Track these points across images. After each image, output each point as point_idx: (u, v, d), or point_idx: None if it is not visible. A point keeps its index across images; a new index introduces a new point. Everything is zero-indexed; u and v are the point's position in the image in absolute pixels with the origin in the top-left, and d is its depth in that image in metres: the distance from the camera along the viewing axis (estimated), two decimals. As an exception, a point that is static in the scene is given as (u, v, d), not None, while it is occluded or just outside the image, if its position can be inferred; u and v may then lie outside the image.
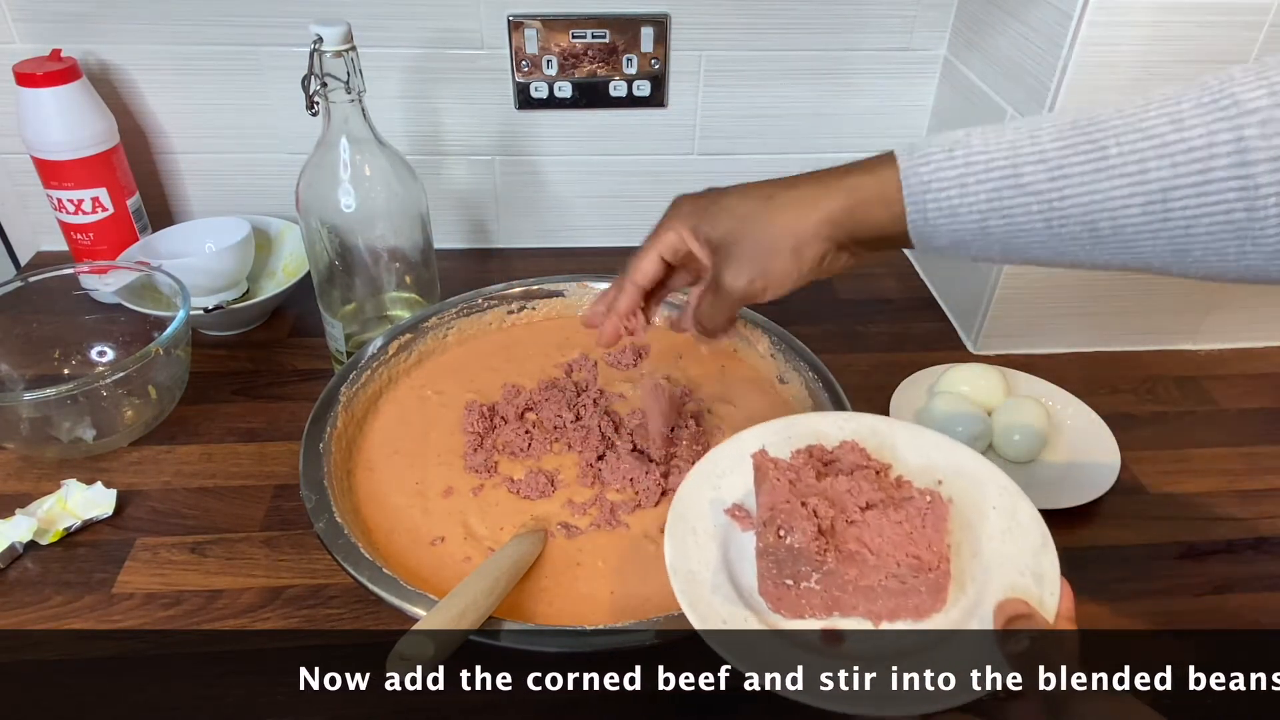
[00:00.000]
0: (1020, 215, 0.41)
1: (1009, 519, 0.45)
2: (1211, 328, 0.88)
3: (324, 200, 0.69)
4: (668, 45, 0.90)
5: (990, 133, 0.43)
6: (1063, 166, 0.40)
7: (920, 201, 0.43)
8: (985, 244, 0.44)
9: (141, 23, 0.86)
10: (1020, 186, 0.41)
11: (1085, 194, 0.40)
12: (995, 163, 0.42)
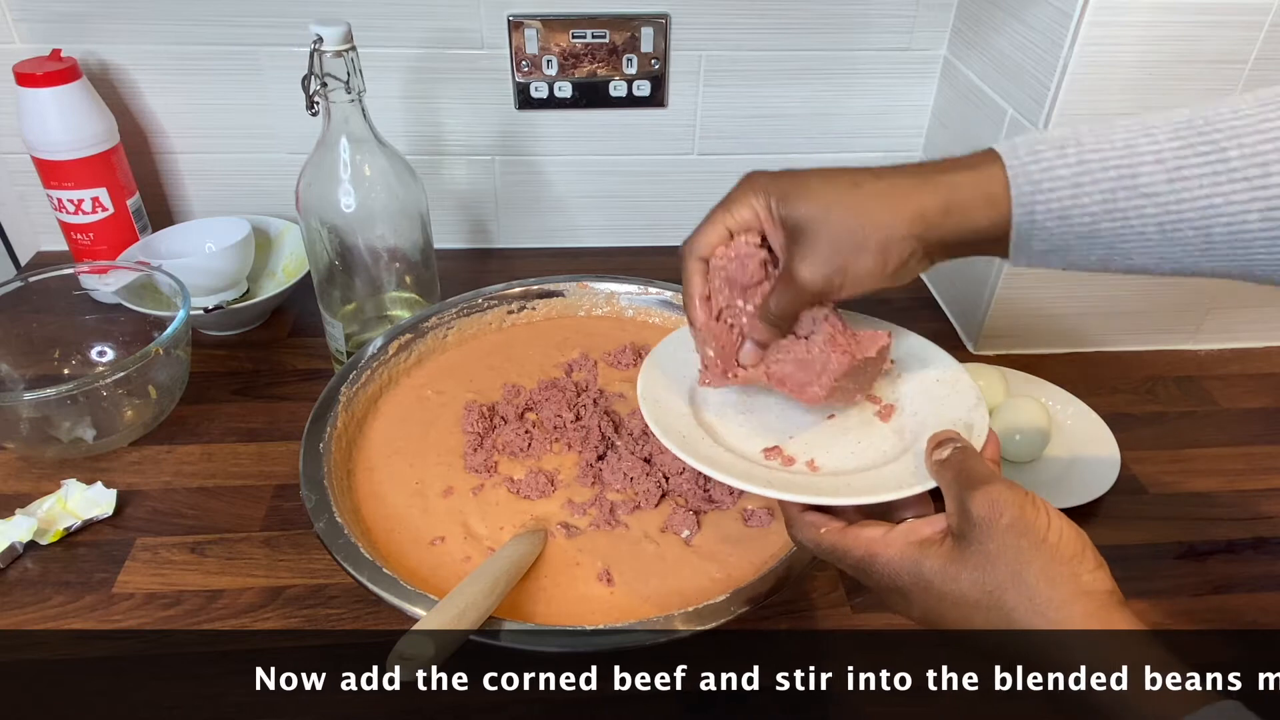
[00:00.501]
0: (1135, 218, 0.40)
1: (949, 388, 0.52)
2: (1211, 328, 0.88)
3: (324, 200, 0.69)
4: (668, 45, 0.90)
5: (1101, 130, 0.41)
6: (1181, 168, 0.38)
7: (1029, 202, 0.41)
8: (1088, 249, 0.41)
9: (141, 23, 0.86)
10: (1136, 188, 0.39)
11: (1204, 198, 0.38)
12: (1110, 162, 0.39)
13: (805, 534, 0.45)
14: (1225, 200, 0.38)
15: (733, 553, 0.56)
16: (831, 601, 0.61)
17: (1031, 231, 0.42)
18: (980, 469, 0.42)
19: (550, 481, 0.61)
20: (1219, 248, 0.39)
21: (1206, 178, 0.38)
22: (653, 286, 0.77)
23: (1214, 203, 0.38)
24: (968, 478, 0.41)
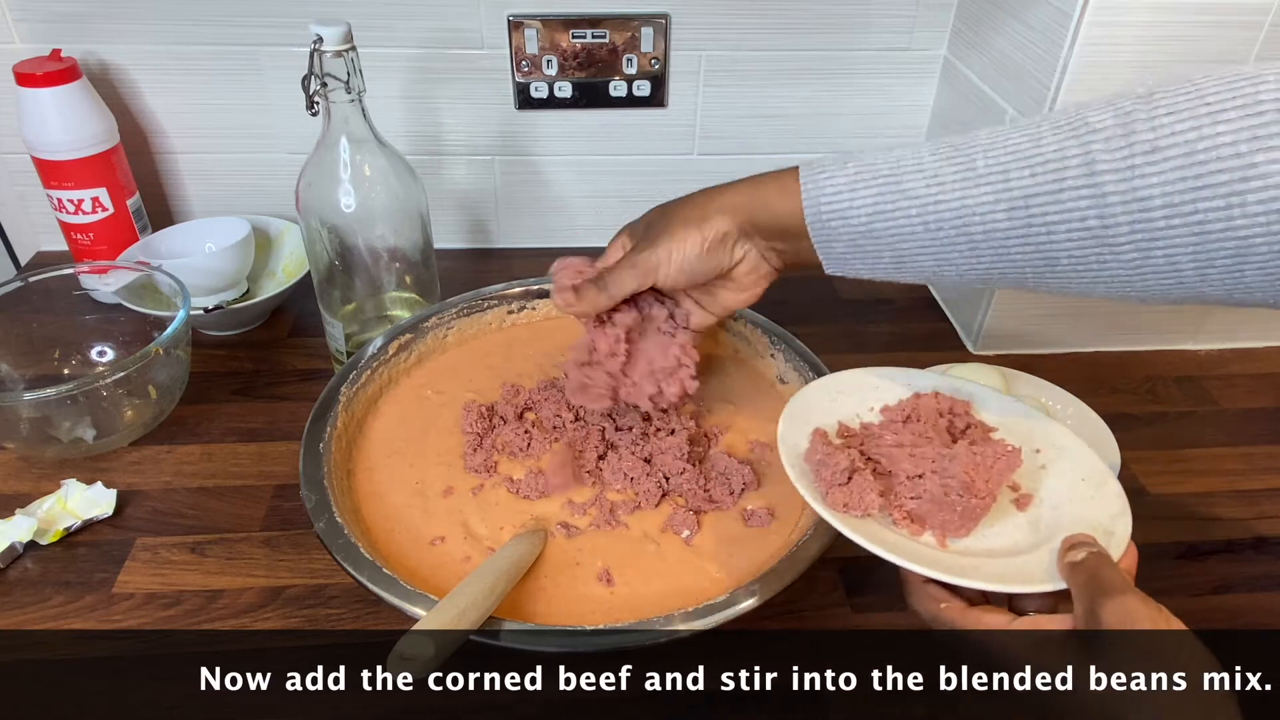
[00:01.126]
0: (901, 218, 0.46)
1: (1095, 489, 0.51)
2: (1211, 328, 0.88)
3: (324, 200, 0.69)
4: (668, 45, 0.90)
5: (881, 152, 0.48)
6: (937, 175, 0.45)
7: (815, 200, 0.48)
8: (875, 246, 0.48)
9: (141, 23, 0.86)
10: (901, 191, 0.46)
11: (957, 199, 0.44)
12: (880, 171, 0.47)
13: (924, 606, 0.46)
14: (976, 201, 0.44)
15: (733, 553, 0.56)
16: (831, 601, 0.61)
17: (819, 225, 0.49)
18: (1114, 579, 0.42)
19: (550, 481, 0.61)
20: (981, 247, 0.45)
21: (958, 182, 0.44)
22: (653, 286, 0.77)
23: (967, 203, 0.44)
24: (1100, 585, 0.41)
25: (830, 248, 0.49)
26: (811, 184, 0.49)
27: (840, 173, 0.48)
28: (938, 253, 0.46)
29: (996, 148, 0.43)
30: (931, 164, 0.45)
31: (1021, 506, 0.51)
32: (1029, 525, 0.50)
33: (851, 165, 0.48)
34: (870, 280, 0.51)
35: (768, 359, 0.72)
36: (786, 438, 0.53)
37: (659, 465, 0.61)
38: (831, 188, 0.48)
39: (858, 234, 0.48)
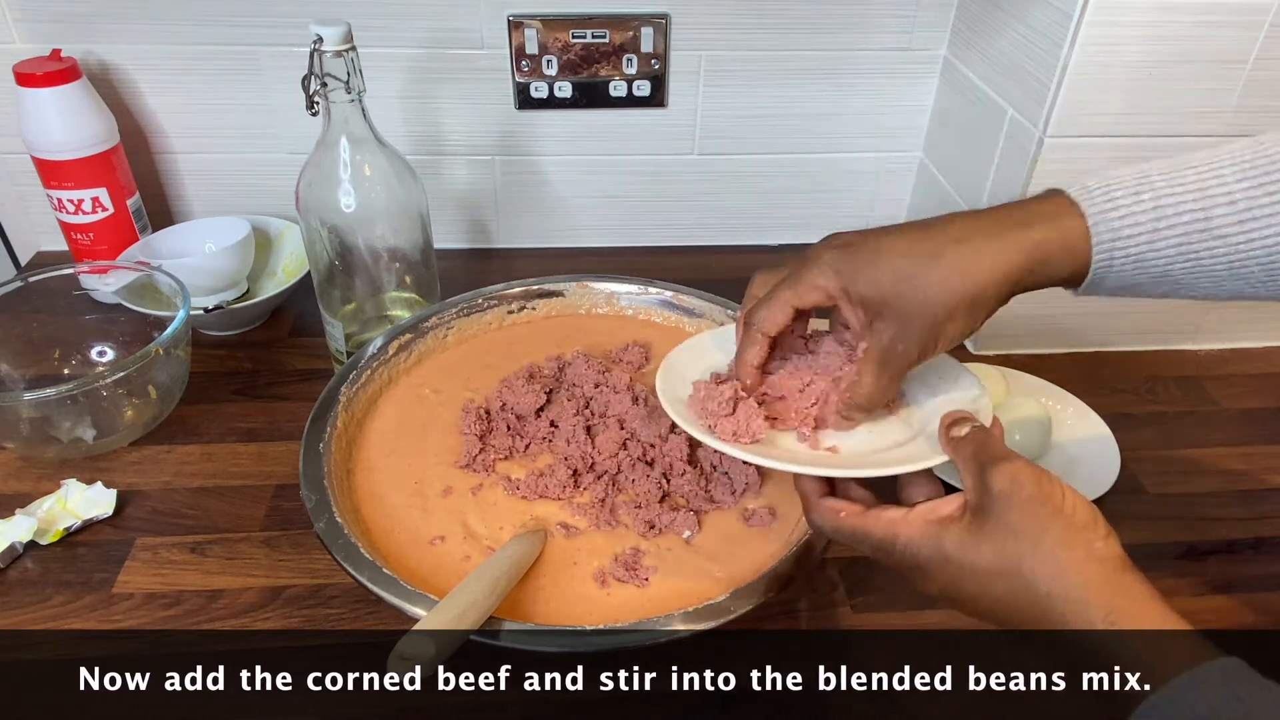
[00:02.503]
0: (1207, 259, 0.41)
1: (951, 382, 0.53)
2: (1211, 328, 0.88)
3: (324, 200, 0.69)
4: (668, 45, 0.90)
5: (1170, 170, 0.41)
6: (1251, 209, 0.39)
7: (1109, 250, 0.42)
8: (1157, 285, 0.43)
9: (141, 23, 0.86)
10: (1209, 231, 0.40)
11: (1272, 236, 0.39)
12: (1185, 206, 0.40)
13: (825, 518, 0.46)
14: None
15: (733, 553, 0.56)
16: (831, 601, 0.61)
17: (1107, 275, 0.43)
18: (998, 446, 0.43)
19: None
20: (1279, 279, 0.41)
21: (1275, 217, 0.39)
22: (653, 286, 0.77)
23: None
24: (987, 454, 0.42)
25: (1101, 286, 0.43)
26: (1105, 229, 0.41)
27: (1137, 207, 0.41)
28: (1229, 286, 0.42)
29: None
30: (1242, 192, 0.39)
31: (892, 410, 0.53)
32: (903, 423, 0.52)
33: (1147, 195, 0.41)
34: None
35: (768, 359, 0.72)
36: (666, 391, 0.53)
37: (659, 465, 0.61)
38: (1129, 230, 0.41)
39: (1148, 277, 0.42)
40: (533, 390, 0.66)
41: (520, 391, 0.66)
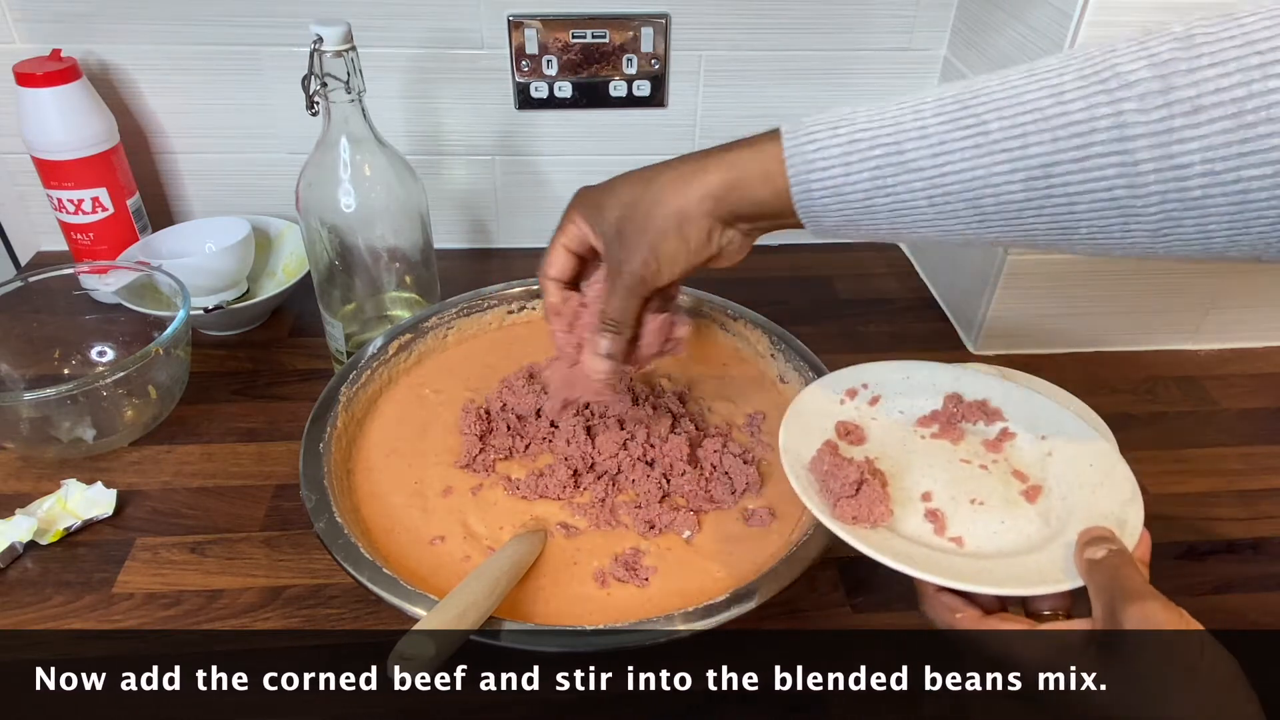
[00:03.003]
0: (904, 193, 0.41)
1: (1104, 475, 0.50)
2: (1211, 328, 0.88)
3: (324, 200, 0.69)
4: (668, 45, 0.90)
5: (875, 109, 0.42)
6: (945, 142, 0.39)
7: (805, 180, 0.43)
8: (872, 221, 0.43)
9: (141, 23, 0.86)
10: (904, 164, 0.40)
11: (968, 170, 0.39)
12: (879, 139, 0.41)
13: (939, 615, 0.45)
14: (988, 172, 0.38)
15: (733, 553, 0.56)
16: (831, 601, 0.61)
17: (813, 207, 0.43)
18: (1135, 579, 0.41)
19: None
20: (991, 218, 0.40)
21: (969, 151, 0.38)
22: (653, 286, 0.77)
23: (978, 175, 0.39)
24: (1122, 588, 0.40)
25: (820, 223, 0.44)
26: (799, 159, 0.43)
27: (832, 141, 0.42)
28: (942, 223, 0.41)
29: (1012, 105, 0.38)
30: (936, 128, 0.39)
31: (1031, 498, 0.50)
32: (1040, 518, 0.49)
33: (844, 130, 0.42)
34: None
35: (768, 359, 0.72)
36: (790, 446, 0.52)
37: (660, 466, 0.61)
38: (823, 161, 0.42)
39: (853, 210, 0.43)
40: (533, 391, 0.66)
41: (521, 392, 0.66)
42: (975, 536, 0.48)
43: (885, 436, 0.55)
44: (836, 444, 0.53)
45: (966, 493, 0.51)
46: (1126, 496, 0.48)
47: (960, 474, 0.52)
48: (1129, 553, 0.43)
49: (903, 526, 0.49)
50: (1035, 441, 0.54)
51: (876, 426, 0.56)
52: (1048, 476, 0.52)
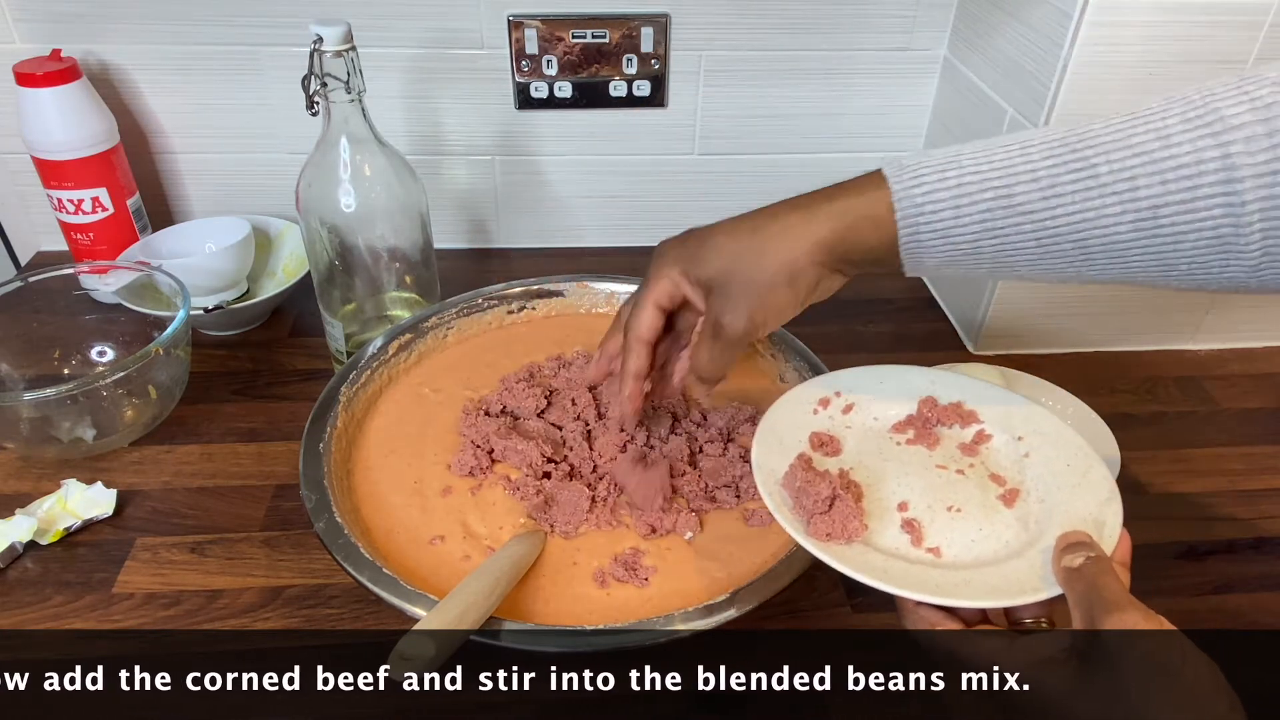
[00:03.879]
0: (1012, 234, 0.42)
1: (1080, 475, 0.49)
2: (1211, 328, 0.88)
3: (324, 200, 0.69)
4: (668, 45, 0.90)
5: (981, 151, 0.43)
6: (1054, 185, 0.40)
7: (914, 225, 0.43)
8: (975, 263, 0.44)
9: (141, 23, 0.86)
10: (1013, 206, 0.41)
11: (1077, 212, 0.40)
12: (989, 183, 0.41)
13: (919, 628, 0.45)
14: (1097, 214, 0.40)
15: (733, 553, 0.56)
16: (831, 601, 0.61)
17: (917, 249, 0.44)
18: (1113, 588, 0.40)
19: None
20: (1096, 258, 0.41)
21: (1079, 193, 0.40)
22: (653, 286, 0.77)
23: (1087, 216, 0.40)
24: (1100, 597, 0.40)
25: (921, 264, 0.45)
26: (908, 204, 0.43)
27: (940, 185, 0.42)
28: (1047, 263, 0.42)
29: (1120, 149, 0.39)
30: (1046, 170, 0.40)
31: (1009, 503, 0.50)
32: (1019, 523, 0.48)
33: (952, 173, 0.42)
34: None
35: (768, 359, 0.72)
36: (763, 462, 0.51)
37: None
38: (932, 206, 0.42)
39: (959, 252, 0.43)
40: (533, 394, 0.66)
41: (521, 395, 0.66)
42: (953, 546, 0.48)
43: (860, 445, 0.54)
44: (810, 457, 0.52)
45: (943, 500, 0.50)
46: (1104, 496, 0.48)
47: (937, 481, 0.51)
48: (1107, 559, 0.43)
49: (879, 539, 0.48)
50: (1012, 442, 0.53)
51: (851, 435, 0.55)
52: (1025, 478, 0.51)
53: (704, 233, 0.49)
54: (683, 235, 0.50)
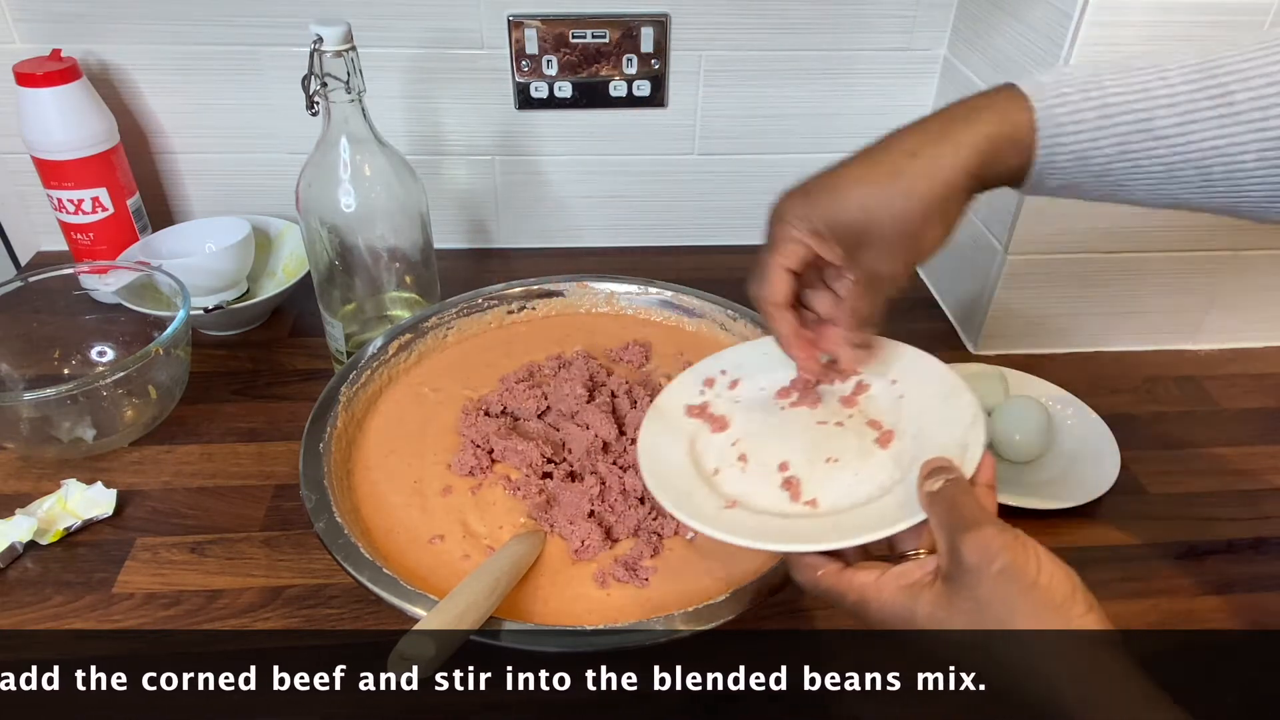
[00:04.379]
0: (1145, 159, 0.41)
1: (947, 403, 0.50)
2: (1211, 328, 0.88)
3: (324, 200, 0.69)
4: (668, 45, 0.90)
5: (1120, 73, 0.42)
6: (1191, 112, 0.40)
7: (1053, 145, 0.42)
8: (1097, 185, 0.43)
9: (141, 23, 0.86)
10: (1150, 131, 0.41)
11: (1209, 139, 0.40)
12: (1131, 106, 0.41)
13: (803, 575, 0.45)
14: (1228, 142, 0.40)
15: (734, 552, 0.56)
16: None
17: (1050, 170, 0.43)
18: (971, 508, 0.41)
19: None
20: (1216, 185, 0.41)
21: (1213, 120, 0.40)
22: (652, 286, 0.77)
23: (1217, 144, 0.40)
24: (959, 517, 0.41)
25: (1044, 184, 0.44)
26: (1050, 123, 0.42)
27: (1084, 104, 0.41)
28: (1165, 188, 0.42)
29: (1256, 75, 0.39)
30: (1185, 95, 0.40)
31: (884, 444, 0.50)
32: (893, 462, 0.48)
33: (1095, 94, 0.41)
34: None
35: (768, 359, 0.72)
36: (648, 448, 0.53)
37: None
38: (1074, 126, 0.42)
39: (1088, 175, 0.43)
40: (534, 396, 0.66)
41: (521, 396, 0.66)
42: (830, 494, 0.48)
43: (748, 417, 0.55)
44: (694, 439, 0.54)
45: (822, 454, 0.50)
46: (968, 420, 0.47)
47: (817, 436, 0.52)
48: (965, 480, 0.43)
49: (759, 501, 0.49)
50: (888, 387, 0.53)
51: (739, 409, 0.56)
52: (900, 419, 0.51)
53: (831, 180, 0.46)
54: (804, 187, 0.47)
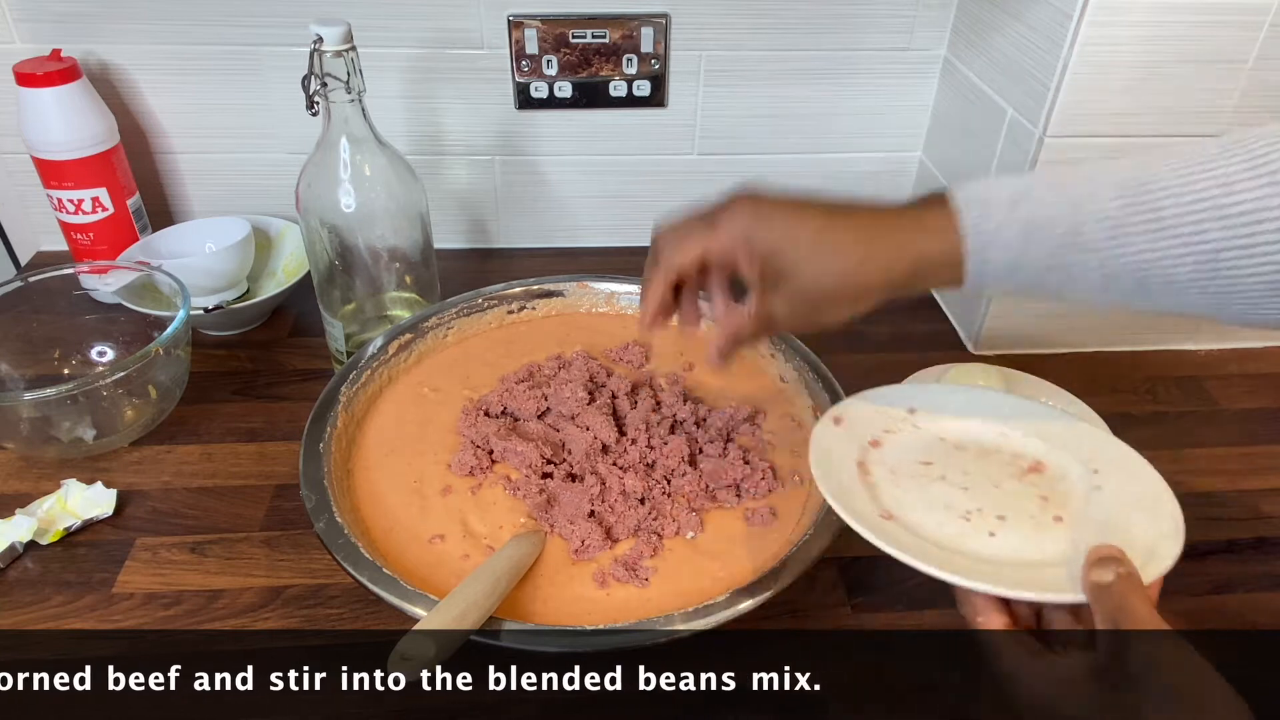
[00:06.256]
0: (1078, 270, 0.42)
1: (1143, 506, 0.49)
2: (1211, 328, 0.88)
3: (324, 200, 0.69)
4: (668, 45, 0.90)
5: (1050, 183, 0.43)
6: (1122, 225, 0.41)
7: (982, 255, 0.44)
8: (1039, 290, 0.44)
9: (141, 23, 0.86)
10: (1080, 245, 0.42)
11: (1143, 253, 0.41)
12: (1058, 221, 0.42)
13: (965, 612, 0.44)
14: (1161, 255, 0.41)
15: (734, 552, 0.56)
16: (832, 601, 0.61)
17: (982, 278, 0.44)
18: (1142, 610, 0.39)
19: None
20: (1155, 294, 0.42)
21: (1145, 235, 0.41)
22: (653, 286, 0.77)
23: (1151, 257, 0.41)
24: (1127, 617, 0.39)
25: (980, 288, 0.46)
26: (978, 237, 0.43)
27: (1011, 218, 0.43)
28: (1104, 296, 0.43)
29: (1186, 192, 0.40)
30: (1116, 210, 0.41)
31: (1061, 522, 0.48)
32: (1069, 543, 0.46)
33: (1024, 209, 0.43)
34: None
35: (768, 359, 0.72)
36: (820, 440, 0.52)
37: (660, 466, 0.61)
38: (1002, 240, 0.43)
39: (1021, 282, 0.44)
40: (534, 396, 0.66)
41: (521, 397, 0.66)
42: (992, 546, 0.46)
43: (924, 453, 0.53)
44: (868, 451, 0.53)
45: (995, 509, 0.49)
46: (1165, 532, 0.46)
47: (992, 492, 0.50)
48: (1138, 577, 0.41)
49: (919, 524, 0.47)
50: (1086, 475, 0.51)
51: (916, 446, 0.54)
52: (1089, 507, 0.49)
53: (788, 213, 0.47)
54: (766, 199, 0.48)
